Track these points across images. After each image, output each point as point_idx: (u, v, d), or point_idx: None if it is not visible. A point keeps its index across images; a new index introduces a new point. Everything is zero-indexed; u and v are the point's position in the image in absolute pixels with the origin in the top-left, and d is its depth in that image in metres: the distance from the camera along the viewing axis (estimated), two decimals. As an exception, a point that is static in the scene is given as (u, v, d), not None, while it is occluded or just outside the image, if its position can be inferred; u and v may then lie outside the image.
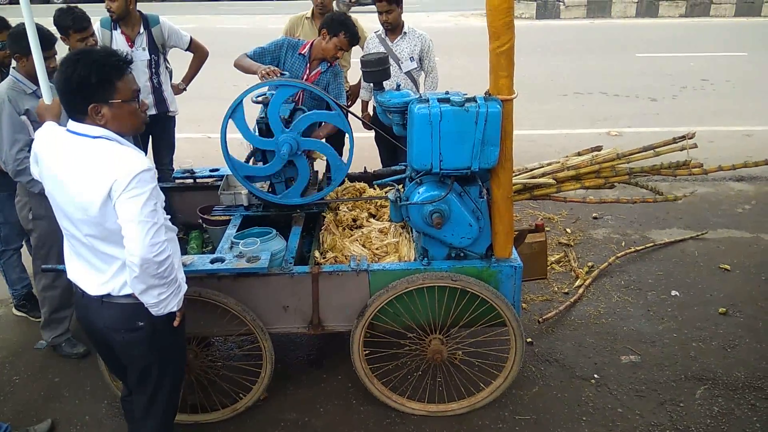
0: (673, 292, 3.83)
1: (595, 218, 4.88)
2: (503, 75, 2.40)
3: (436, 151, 2.43)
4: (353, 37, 3.61)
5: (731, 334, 3.43)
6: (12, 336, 3.52)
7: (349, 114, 3.22)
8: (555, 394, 3.01)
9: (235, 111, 2.82)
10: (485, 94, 2.49)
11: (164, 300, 2.01)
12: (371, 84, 2.88)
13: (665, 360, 3.22)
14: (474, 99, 2.41)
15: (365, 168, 3.67)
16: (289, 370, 3.19)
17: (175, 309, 2.07)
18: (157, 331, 2.12)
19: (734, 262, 4.18)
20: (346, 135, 2.98)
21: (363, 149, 4.80)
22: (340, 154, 3.65)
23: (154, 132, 4.37)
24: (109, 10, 3.98)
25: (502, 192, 2.62)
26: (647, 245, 4.39)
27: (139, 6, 4.16)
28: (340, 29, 3.54)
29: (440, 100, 2.41)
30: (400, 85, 2.67)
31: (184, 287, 2.13)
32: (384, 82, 2.79)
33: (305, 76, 3.71)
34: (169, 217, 2.18)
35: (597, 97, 8.45)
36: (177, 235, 3.51)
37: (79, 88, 1.90)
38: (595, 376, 3.11)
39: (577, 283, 3.93)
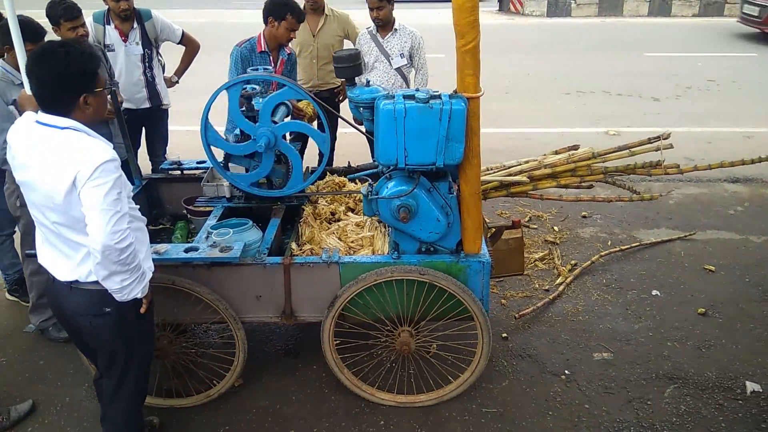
0: (654, 292, 3.84)
1: (584, 217, 4.90)
2: (469, 73, 2.43)
3: (401, 147, 2.48)
4: (300, 13, 3.71)
5: (707, 334, 3.44)
6: (2, 319, 3.64)
7: (333, 112, 3.29)
8: (524, 388, 3.05)
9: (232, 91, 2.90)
10: (453, 91, 2.53)
11: (127, 286, 2.08)
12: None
13: (638, 358, 3.24)
14: (439, 96, 2.45)
15: (348, 163, 3.73)
16: (266, 359, 3.26)
17: (139, 296, 2.15)
18: (124, 317, 2.20)
19: (720, 263, 4.18)
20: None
21: (360, 145, 4.86)
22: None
23: (148, 125, 4.47)
24: (124, 10, 4.06)
25: (470, 188, 2.66)
26: (633, 245, 4.40)
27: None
28: (286, 11, 3.63)
29: (405, 97, 2.46)
30: (369, 81, 2.71)
31: (149, 275, 2.21)
32: (369, 78, 2.85)
33: (274, 69, 3.82)
34: (137, 207, 2.26)
35: (600, 96, 8.41)
36: (164, 225, 3.64)
37: (75, 79, 1.99)
38: (566, 372, 3.15)
39: (559, 280, 3.96)
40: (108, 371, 2.32)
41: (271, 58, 3.82)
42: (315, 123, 3.99)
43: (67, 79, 1.98)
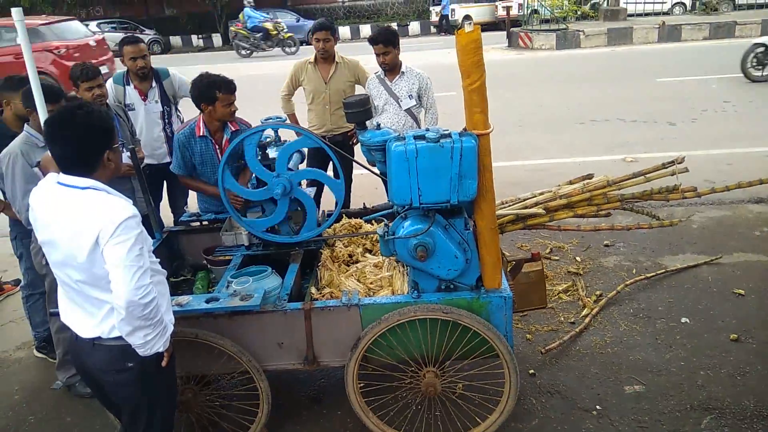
0: (684, 320, 3.75)
1: (606, 246, 4.83)
2: (477, 111, 2.47)
3: (414, 186, 2.50)
4: (228, 83, 3.39)
5: (742, 361, 3.32)
6: (30, 377, 3.68)
7: (347, 156, 3.35)
8: (555, 426, 2.96)
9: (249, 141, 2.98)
10: (462, 129, 2.56)
11: (150, 341, 2.10)
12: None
13: (671, 389, 3.14)
14: (449, 135, 2.48)
15: (364, 204, 3.77)
16: (290, 407, 3.23)
17: (161, 349, 2.17)
18: (146, 371, 2.21)
19: (749, 286, 4.07)
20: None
21: (375, 185, 4.89)
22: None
23: (168, 179, 4.57)
24: (142, 68, 4.24)
25: (486, 223, 2.66)
26: (658, 272, 4.31)
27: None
28: (214, 91, 3.35)
29: (416, 137, 2.50)
30: (380, 124, 2.76)
31: (171, 328, 2.23)
32: (380, 121, 2.91)
33: (218, 151, 3.60)
34: (158, 260, 2.30)
35: (614, 124, 8.41)
36: (185, 276, 3.69)
37: (99, 137, 2.07)
38: (597, 407, 3.06)
39: (584, 312, 3.89)
40: (132, 426, 2.32)
41: (213, 140, 3.56)
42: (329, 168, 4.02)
43: (92, 137, 2.06)
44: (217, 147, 3.59)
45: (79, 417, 3.28)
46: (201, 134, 3.53)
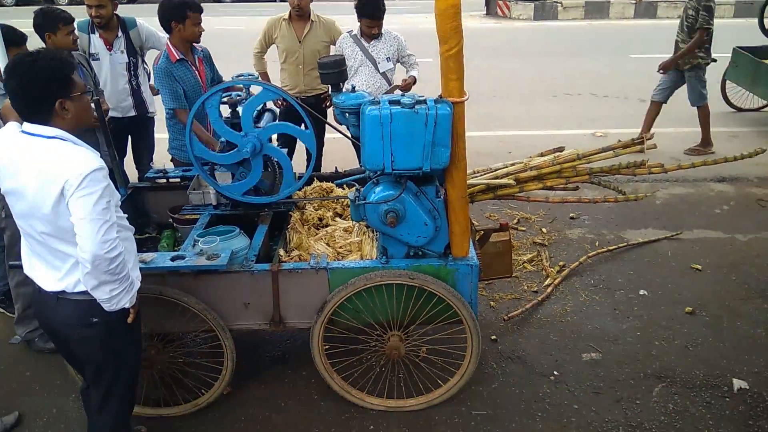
0: (642, 292, 3.87)
1: (572, 218, 4.92)
2: (453, 78, 2.45)
3: (387, 152, 2.49)
4: (197, 5, 3.57)
5: (695, 333, 3.47)
6: (-12, 332, 3.61)
7: (320, 118, 3.29)
8: (513, 390, 3.06)
9: (210, 102, 2.89)
10: (438, 96, 2.54)
11: (116, 296, 2.07)
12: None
13: (626, 358, 3.26)
14: (424, 101, 2.46)
15: (336, 168, 3.74)
16: (255, 366, 3.25)
17: (127, 305, 2.14)
18: (112, 327, 2.18)
19: (707, 262, 4.22)
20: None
21: (347, 150, 4.86)
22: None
23: (134, 133, 4.45)
24: (97, 17, 4.05)
25: (457, 192, 2.67)
26: (620, 245, 4.43)
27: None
28: (185, 9, 3.50)
29: (391, 102, 2.47)
30: (355, 86, 2.72)
31: (137, 284, 2.20)
32: (354, 83, 2.85)
33: (197, 71, 3.74)
34: (125, 216, 2.25)
35: (587, 98, 8.48)
36: (150, 234, 3.62)
37: (46, 86, 1.98)
38: (555, 373, 3.16)
39: (547, 282, 3.98)
40: (96, 381, 2.30)
41: (189, 62, 3.67)
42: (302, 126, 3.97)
43: (37, 86, 1.97)
44: (195, 69, 3.65)
45: (39, 372, 3.24)
46: (177, 58, 3.60)
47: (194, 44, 3.72)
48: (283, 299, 2.81)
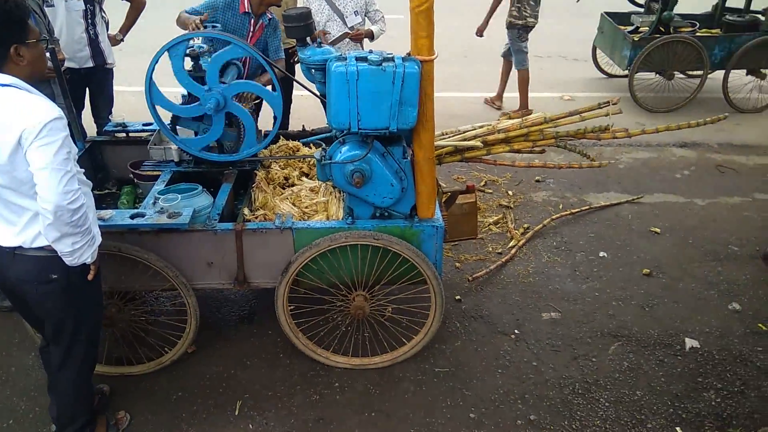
0: (602, 254, 3.97)
1: (537, 181, 4.97)
2: (422, 35, 2.40)
3: (353, 110, 2.44)
4: None
5: (651, 294, 3.59)
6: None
7: (286, 74, 3.20)
8: (475, 348, 3.13)
9: (175, 52, 2.77)
10: (406, 54, 2.49)
11: (78, 249, 2.02)
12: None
13: (584, 317, 3.37)
14: (392, 59, 2.41)
15: (303, 127, 3.67)
16: (220, 325, 3.24)
17: (89, 261, 2.09)
18: (72, 284, 2.14)
19: (665, 225, 4.34)
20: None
21: (316, 108, 4.77)
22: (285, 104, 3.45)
23: (92, 85, 4.26)
24: None
25: (424, 153, 2.66)
26: (583, 208, 4.51)
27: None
28: None
29: (358, 59, 2.41)
30: (320, 41, 2.65)
31: (99, 239, 2.15)
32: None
33: (250, 33, 3.66)
34: (83, 171, 2.18)
35: (556, 61, 8.47)
36: (110, 189, 3.53)
37: (0, 29, 1.89)
38: (516, 331, 3.25)
39: (511, 243, 4.04)
40: (56, 339, 2.27)
41: (252, 21, 3.56)
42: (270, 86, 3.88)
43: None
44: (249, 29, 3.57)
45: (-5, 330, 3.17)
46: (245, 10, 3.55)
47: (268, 9, 3.63)
48: (248, 259, 2.79)
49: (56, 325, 2.23)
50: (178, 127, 3.01)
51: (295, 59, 4.59)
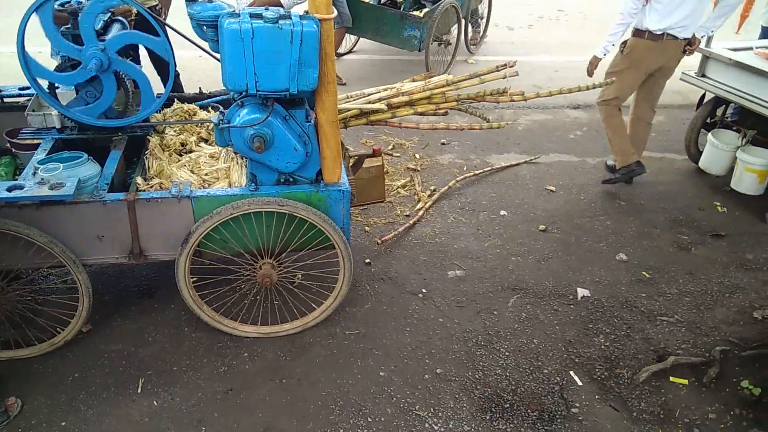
0: (502, 212, 4.14)
1: (443, 144, 5.07)
2: (320, -7, 2.32)
3: (250, 71, 2.34)
4: None
5: (546, 248, 3.79)
6: None
7: (166, 24, 2.97)
8: (385, 309, 3.19)
9: (43, 11, 2.49)
10: (304, 12, 2.41)
11: None
12: None
13: (486, 273, 3.51)
14: (289, 17, 2.32)
15: (200, 89, 3.49)
16: (118, 301, 3.08)
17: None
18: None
19: (559, 183, 4.58)
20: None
21: (212, 69, 4.53)
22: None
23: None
24: None
25: (327, 116, 2.61)
26: (485, 169, 4.66)
27: None
28: None
29: (252, 16, 2.30)
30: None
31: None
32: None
33: None
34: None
35: (460, 24, 8.56)
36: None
37: None
38: (423, 290, 3.33)
39: (419, 206, 4.11)
40: None
41: None
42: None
43: None
44: None
45: None
46: None
47: None
48: (143, 231, 2.65)
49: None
50: (58, 91, 2.76)
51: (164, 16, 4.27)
